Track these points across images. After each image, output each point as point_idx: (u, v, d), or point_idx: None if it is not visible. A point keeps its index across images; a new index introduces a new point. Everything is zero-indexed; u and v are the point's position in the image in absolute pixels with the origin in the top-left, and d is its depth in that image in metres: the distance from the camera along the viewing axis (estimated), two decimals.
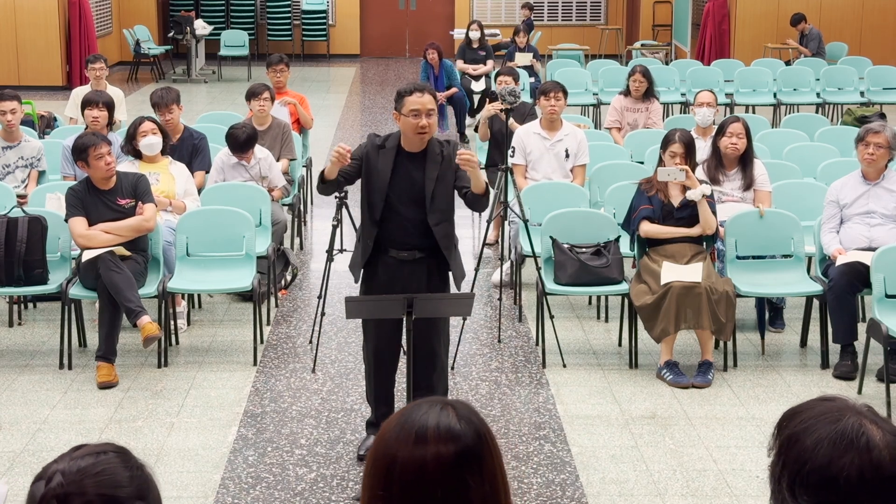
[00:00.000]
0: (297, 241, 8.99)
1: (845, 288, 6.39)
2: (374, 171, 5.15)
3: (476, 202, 5.18)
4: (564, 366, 6.55)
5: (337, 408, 5.98)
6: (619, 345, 6.88)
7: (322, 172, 5.24)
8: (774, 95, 13.64)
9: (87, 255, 6.43)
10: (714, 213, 6.53)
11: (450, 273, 5.30)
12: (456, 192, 5.22)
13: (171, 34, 19.37)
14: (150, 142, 7.31)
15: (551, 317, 6.64)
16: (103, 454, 1.91)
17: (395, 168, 5.15)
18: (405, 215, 5.16)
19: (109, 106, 8.14)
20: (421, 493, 1.92)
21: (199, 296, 7.59)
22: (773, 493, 1.95)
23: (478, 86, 14.14)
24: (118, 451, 1.94)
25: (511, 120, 8.22)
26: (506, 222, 7.87)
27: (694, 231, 6.51)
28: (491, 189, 5.99)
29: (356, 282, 5.33)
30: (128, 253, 6.51)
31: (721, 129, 7.17)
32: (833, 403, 1.97)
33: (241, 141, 7.72)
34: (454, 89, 13.33)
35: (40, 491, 1.86)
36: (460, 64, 14.41)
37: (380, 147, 5.20)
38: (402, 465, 1.93)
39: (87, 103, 8.12)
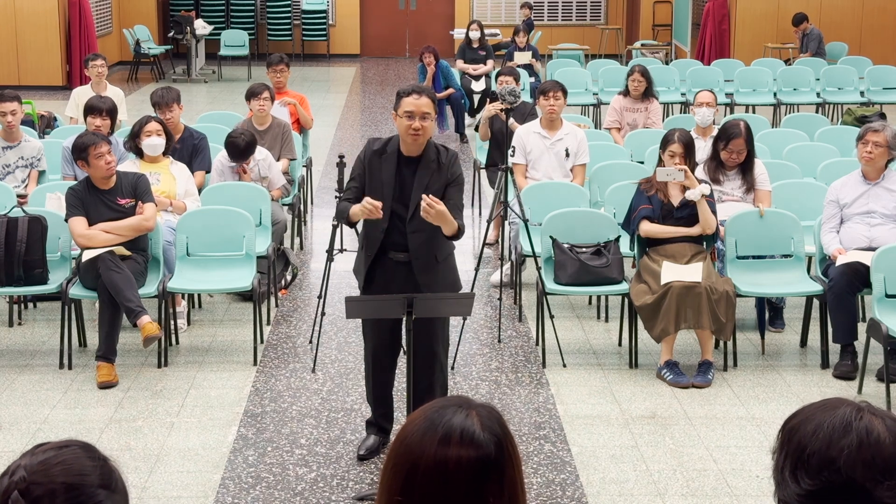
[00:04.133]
0: (297, 241, 8.99)
1: (845, 288, 6.39)
2: (378, 181, 5.10)
3: (446, 238, 5.08)
4: (564, 366, 6.55)
5: (337, 408, 5.98)
6: (619, 345, 6.88)
7: (348, 213, 5.09)
8: (774, 95, 13.64)
9: (87, 255, 6.43)
10: (714, 212, 6.53)
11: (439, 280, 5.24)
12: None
13: (171, 34, 19.37)
14: (154, 142, 7.31)
15: (551, 317, 6.64)
16: (66, 447, 1.91)
17: (395, 174, 5.13)
18: (401, 218, 5.14)
19: (112, 113, 8.16)
20: (441, 499, 1.90)
21: (199, 296, 7.59)
22: (777, 485, 1.97)
23: (478, 86, 14.14)
24: (82, 445, 1.94)
25: (511, 120, 8.23)
26: (506, 222, 7.87)
27: (694, 231, 6.51)
28: (490, 190, 5.94)
29: (360, 286, 5.31)
30: (128, 253, 6.51)
31: (724, 138, 7.08)
32: (833, 398, 2.01)
33: (241, 149, 7.72)
34: (451, 90, 13.33)
35: (3, 485, 1.85)
36: (460, 64, 14.41)
37: (380, 153, 5.17)
38: (425, 465, 1.90)
39: (89, 110, 8.10)
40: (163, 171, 7.38)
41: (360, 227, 5.46)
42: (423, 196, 4.84)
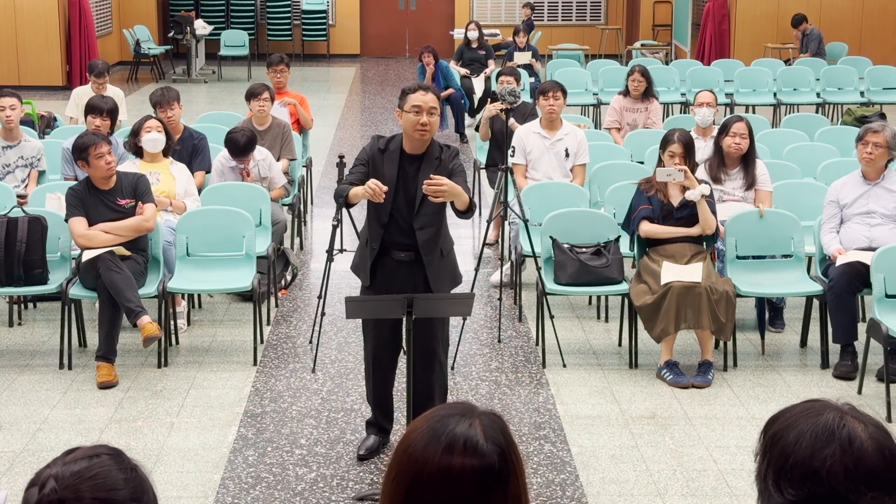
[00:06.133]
0: (297, 241, 8.99)
1: (845, 288, 6.39)
2: (380, 176, 5.10)
3: (460, 215, 5.14)
4: (564, 366, 6.55)
5: (337, 408, 5.98)
6: (619, 345, 6.87)
7: (347, 193, 5.11)
8: (774, 95, 13.64)
9: (87, 255, 6.43)
10: (714, 212, 6.53)
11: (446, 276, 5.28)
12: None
13: (171, 34, 19.37)
14: (154, 137, 7.31)
15: (551, 317, 6.64)
16: (96, 457, 1.89)
17: (398, 172, 5.14)
18: (403, 217, 5.15)
19: (113, 114, 8.17)
20: None
21: (199, 296, 7.58)
22: (760, 493, 1.96)
23: (477, 83, 14.11)
24: (111, 453, 1.92)
25: (512, 120, 8.22)
26: (506, 222, 7.87)
27: (694, 231, 6.51)
28: (490, 191, 5.95)
29: (365, 283, 5.30)
30: (128, 253, 6.51)
31: (725, 128, 7.17)
32: (815, 402, 1.99)
33: (242, 145, 7.71)
34: (451, 90, 13.32)
35: (34, 497, 1.84)
36: (453, 64, 14.35)
37: (383, 150, 5.18)
38: (429, 475, 1.89)
39: (90, 109, 8.12)
40: (163, 171, 7.37)
41: (360, 224, 5.46)
42: (427, 181, 4.86)
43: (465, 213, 5.10)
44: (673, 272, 6.30)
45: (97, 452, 1.90)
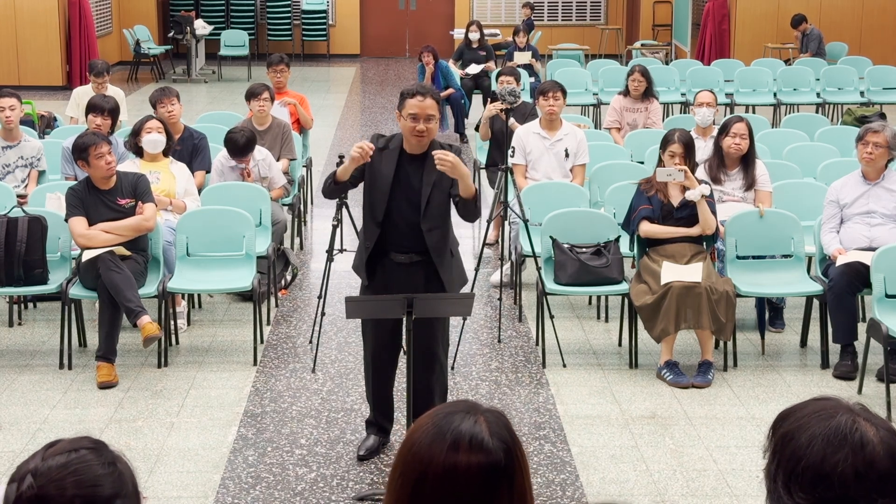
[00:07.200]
0: (297, 241, 8.99)
1: (845, 288, 6.39)
2: (378, 174, 5.12)
3: (465, 209, 5.03)
4: (564, 366, 6.55)
5: (337, 408, 5.98)
6: (619, 345, 6.87)
7: (333, 175, 5.15)
8: (774, 95, 13.64)
9: (87, 255, 6.43)
10: (714, 212, 6.53)
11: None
12: (451, 199, 5.13)
13: (171, 34, 19.38)
14: (154, 138, 7.31)
15: (551, 317, 6.64)
16: (75, 452, 1.86)
17: (397, 171, 5.13)
18: (404, 218, 5.14)
19: (114, 113, 8.18)
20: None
21: (199, 296, 7.58)
22: (769, 492, 1.95)
23: (475, 70, 14.09)
24: (92, 447, 1.89)
25: (512, 120, 8.23)
26: (506, 222, 7.87)
27: (693, 231, 6.51)
28: (490, 191, 5.95)
29: (365, 282, 5.30)
30: (128, 253, 6.51)
31: (725, 129, 7.18)
32: (827, 402, 1.97)
33: (241, 145, 7.71)
34: (451, 90, 13.32)
35: (13, 494, 1.81)
36: (451, 64, 14.34)
37: (382, 149, 5.18)
38: (434, 473, 1.89)
39: (92, 108, 8.13)
40: (163, 171, 7.38)
41: (360, 224, 5.47)
42: (435, 152, 4.85)
43: (471, 201, 4.99)
44: (673, 272, 6.31)
45: (77, 447, 1.87)
